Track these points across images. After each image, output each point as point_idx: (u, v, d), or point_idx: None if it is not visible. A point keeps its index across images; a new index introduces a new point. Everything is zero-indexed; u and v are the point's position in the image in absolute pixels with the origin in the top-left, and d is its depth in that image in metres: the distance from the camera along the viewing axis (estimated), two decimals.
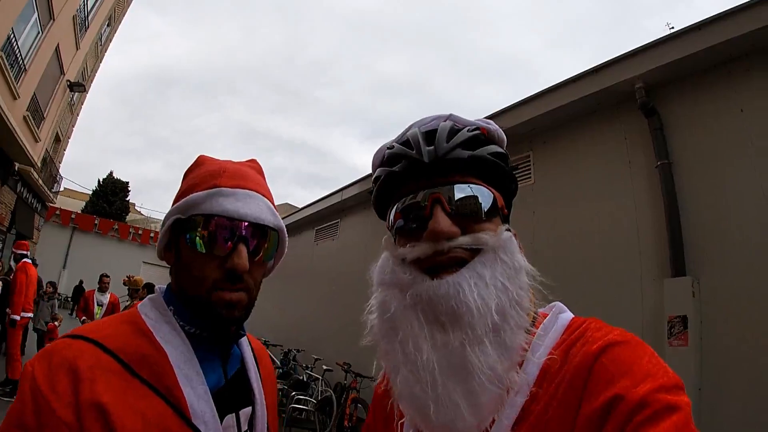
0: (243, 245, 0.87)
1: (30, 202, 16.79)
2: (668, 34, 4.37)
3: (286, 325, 11.78)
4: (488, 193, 0.76)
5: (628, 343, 0.62)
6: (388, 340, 0.73)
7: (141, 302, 0.93)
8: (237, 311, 0.87)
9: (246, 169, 0.98)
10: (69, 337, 0.80)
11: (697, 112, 4.23)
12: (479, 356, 0.64)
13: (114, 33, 21.69)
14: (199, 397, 0.81)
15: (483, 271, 0.68)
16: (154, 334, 0.84)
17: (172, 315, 0.88)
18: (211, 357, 0.90)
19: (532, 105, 5.60)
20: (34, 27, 11.21)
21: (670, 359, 3.70)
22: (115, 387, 0.74)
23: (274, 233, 0.95)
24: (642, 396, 0.54)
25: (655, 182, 4.35)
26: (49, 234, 24.59)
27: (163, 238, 0.94)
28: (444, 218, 0.70)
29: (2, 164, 12.25)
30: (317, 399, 7.33)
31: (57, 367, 0.73)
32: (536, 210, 5.43)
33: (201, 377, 0.83)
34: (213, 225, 0.86)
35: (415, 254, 0.72)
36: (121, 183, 35.65)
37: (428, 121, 0.81)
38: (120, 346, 0.79)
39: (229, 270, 0.85)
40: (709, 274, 3.83)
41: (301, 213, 12.55)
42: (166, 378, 0.79)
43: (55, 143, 18.51)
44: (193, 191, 0.91)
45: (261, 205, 0.92)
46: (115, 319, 0.88)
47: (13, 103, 10.55)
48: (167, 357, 0.81)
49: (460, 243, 0.70)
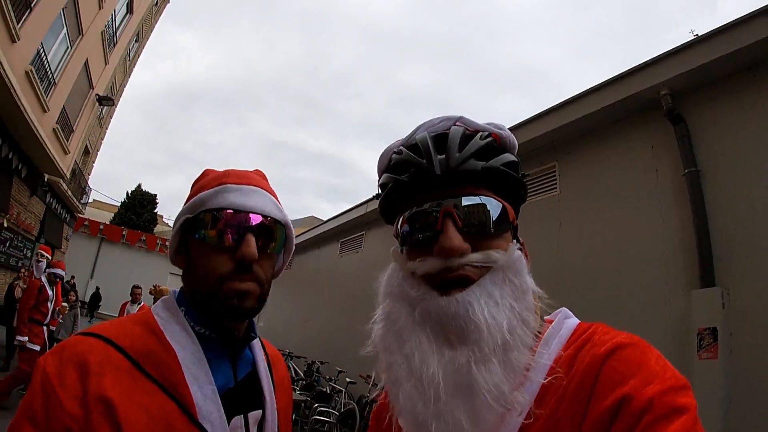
0: (251, 235, 0.88)
1: (59, 213, 17.22)
2: (692, 39, 4.30)
3: (310, 336, 11.84)
4: (500, 206, 0.74)
5: (636, 345, 0.62)
6: (391, 353, 0.72)
7: (154, 305, 0.95)
8: (249, 301, 0.87)
9: (249, 172, 1.01)
10: (82, 334, 0.82)
11: (724, 118, 4.13)
12: (485, 375, 0.63)
13: (142, 48, 22.26)
14: (206, 397, 0.81)
15: (493, 291, 0.67)
16: (164, 333, 0.85)
17: (182, 315, 0.89)
18: (220, 358, 0.90)
19: (556, 115, 5.55)
20: (64, 42, 11.54)
21: (700, 372, 3.66)
22: (123, 383, 0.75)
23: (281, 227, 0.95)
24: (651, 397, 0.54)
25: (682, 191, 4.25)
26: (77, 244, 25.20)
27: (173, 240, 0.96)
28: (455, 234, 0.69)
29: (32, 175, 12.58)
30: (340, 411, 7.33)
31: (67, 361, 0.75)
32: (562, 221, 5.38)
33: (209, 377, 0.84)
34: (221, 218, 0.89)
35: (425, 269, 0.71)
36: (149, 195, 36.44)
37: (437, 122, 0.79)
38: (129, 344, 0.80)
39: (239, 260, 0.86)
40: (739, 285, 3.71)
41: (326, 225, 12.69)
42: (173, 376, 0.80)
43: (84, 156, 19.01)
44: (200, 193, 0.93)
45: (266, 200, 0.94)
46: (129, 319, 0.89)
47: (43, 116, 10.83)
48: (176, 355, 0.82)
49: (471, 260, 0.69)
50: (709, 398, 3.52)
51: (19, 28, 8.49)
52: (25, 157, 11.42)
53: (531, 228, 5.35)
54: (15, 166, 11.01)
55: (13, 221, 12.43)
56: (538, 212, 5.63)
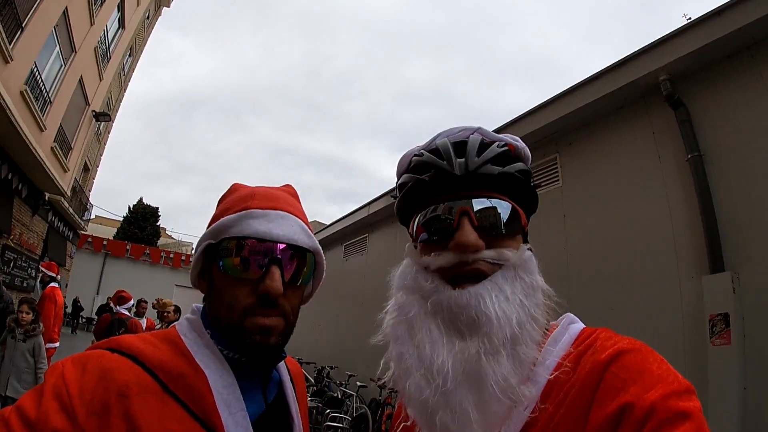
0: (276, 267, 0.82)
1: (61, 231, 17.25)
2: (688, 23, 4.29)
3: (319, 342, 11.84)
4: (514, 210, 0.77)
5: (638, 350, 0.63)
6: (402, 342, 0.74)
7: (178, 322, 0.90)
8: (273, 337, 0.82)
9: (278, 192, 0.95)
10: (105, 348, 0.76)
11: (724, 100, 4.10)
12: (494, 366, 0.65)
13: (136, 62, 22.32)
14: (238, 424, 0.77)
15: (504, 286, 0.70)
16: (194, 356, 0.80)
17: (209, 338, 0.84)
18: (251, 383, 0.86)
19: (556, 106, 5.52)
20: (57, 60, 11.53)
21: (714, 359, 3.63)
22: (152, 407, 0.70)
23: (311, 255, 0.90)
24: (652, 403, 0.54)
25: (686, 176, 4.22)
26: (81, 261, 25.31)
27: (196, 265, 0.91)
28: (471, 231, 0.72)
29: (32, 194, 12.59)
30: (352, 416, 7.28)
31: (90, 373, 0.69)
32: (567, 213, 5.34)
33: (241, 404, 0.79)
34: (244, 247, 0.83)
35: (439, 263, 0.74)
36: (151, 208, 36.58)
37: (456, 131, 0.81)
38: (159, 364, 0.75)
39: (262, 294, 0.80)
40: (749, 268, 3.67)
41: (330, 229, 12.69)
42: (204, 402, 0.75)
43: (84, 172, 19.03)
44: (224, 215, 0.88)
45: (294, 227, 0.88)
46: (154, 335, 0.83)
47: (41, 135, 10.83)
48: (206, 380, 0.77)
49: (484, 256, 0.72)
50: (725, 384, 3.49)
51: (11, 48, 8.48)
52: (25, 177, 11.42)
53: (535, 221, 5.12)
54: (15, 186, 11.01)
55: (16, 241, 12.44)
56: (542, 205, 5.38)
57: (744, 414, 3.38)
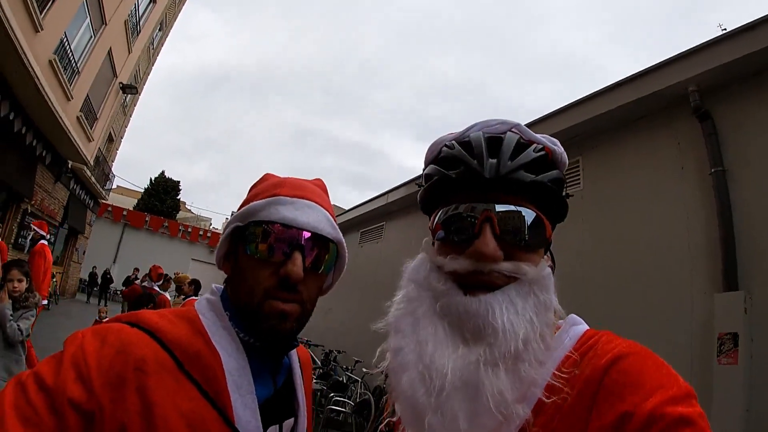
0: (299, 253, 0.84)
1: (82, 199, 17.59)
2: (720, 35, 4.18)
3: (329, 325, 11.91)
4: (540, 222, 0.74)
5: (637, 354, 0.61)
6: (404, 336, 0.73)
7: (197, 301, 0.92)
8: (289, 323, 0.85)
9: (307, 183, 0.98)
10: (125, 322, 0.78)
11: (752, 116, 3.99)
12: (491, 378, 0.63)
13: (166, 37, 22.45)
14: (246, 407, 0.79)
15: (516, 300, 0.68)
16: (211, 337, 0.81)
17: (228, 320, 0.86)
18: (263, 367, 0.88)
19: (582, 108, 5.43)
20: (87, 31, 11.68)
21: (719, 378, 3.59)
22: (166, 384, 0.72)
23: (333, 245, 0.92)
24: (651, 410, 0.53)
25: (708, 190, 4.12)
26: (100, 229, 25.76)
27: (222, 246, 0.93)
28: (492, 241, 0.69)
29: (56, 162, 12.84)
30: (355, 401, 7.33)
31: (110, 346, 0.71)
32: (584, 217, 5.26)
33: (251, 387, 0.81)
34: (270, 232, 0.85)
35: (454, 267, 0.72)
36: (172, 182, 36.96)
37: (493, 124, 0.78)
38: (176, 341, 0.77)
39: (283, 277, 0.82)
40: (763, 289, 3.59)
41: (347, 215, 12.71)
42: (216, 382, 0.77)
43: (108, 143, 19.32)
44: (253, 201, 0.91)
45: (320, 216, 0.90)
46: (173, 312, 0.85)
47: (67, 104, 11.01)
48: (221, 361, 0.79)
49: (501, 269, 0.69)
50: (729, 403, 3.44)
51: (42, 18, 8.60)
52: (49, 144, 11.64)
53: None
54: (39, 153, 11.23)
55: (37, 207, 12.72)
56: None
57: None
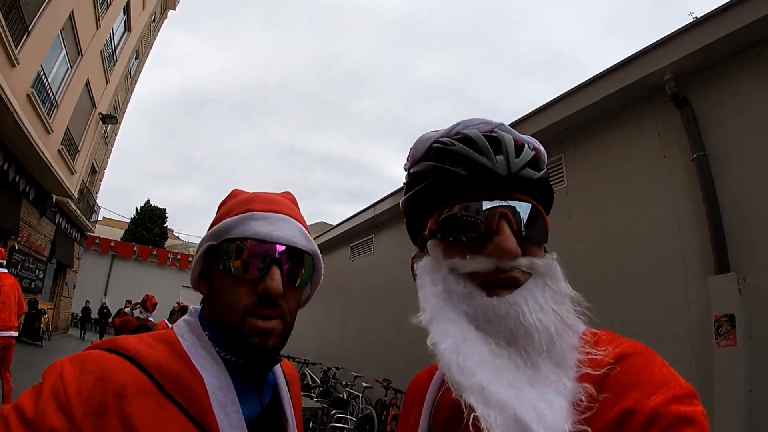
0: (276, 268, 0.83)
1: (69, 233, 17.39)
2: (693, 21, 4.22)
3: (325, 343, 11.85)
4: (543, 216, 0.75)
5: (640, 353, 0.62)
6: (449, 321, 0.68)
7: (176, 323, 0.90)
8: (271, 340, 0.83)
9: (278, 197, 0.98)
10: (102, 349, 0.76)
11: (730, 98, 4.05)
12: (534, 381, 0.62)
13: (143, 65, 22.46)
14: (233, 426, 0.77)
15: (537, 296, 0.67)
16: (191, 358, 0.80)
17: (207, 339, 0.84)
18: (246, 385, 0.86)
19: (561, 106, 5.48)
20: (64, 63, 11.63)
21: (720, 360, 3.60)
22: (149, 408, 0.70)
23: (309, 257, 0.91)
24: (653, 408, 0.53)
25: (692, 176, 4.16)
26: (89, 262, 25.47)
27: (196, 266, 0.91)
28: (512, 236, 0.68)
29: (40, 197, 12.69)
30: (357, 417, 7.28)
31: (90, 374, 0.69)
32: (572, 214, 5.29)
33: (236, 406, 0.79)
34: (245, 248, 0.84)
35: (473, 268, 0.69)
36: (158, 210, 36.74)
37: (476, 123, 0.77)
38: (156, 364, 0.75)
39: (262, 294, 0.81)
40: (755, 269, 3.62)
41: (336, 230, 12.66)
42: (200, 403, 0.75)
43: (91, 174, 19.18)
44: (225, 218, 0.89)
45: (294, 229, 0.89)
46: (152, 336, 0.83)
47: (48, 138, 10.93)
48: (203, 382, 0.77)
49: (520, 264, 0.68)
50: (732, 385, 3.45)
51: (18, 52, 8.56)
52: (33, 179, 11.53)
53: None
54: (23, 188, 11.10)
55: (24, 243, 12.54)
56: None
57: (750, 416, 3.34)
